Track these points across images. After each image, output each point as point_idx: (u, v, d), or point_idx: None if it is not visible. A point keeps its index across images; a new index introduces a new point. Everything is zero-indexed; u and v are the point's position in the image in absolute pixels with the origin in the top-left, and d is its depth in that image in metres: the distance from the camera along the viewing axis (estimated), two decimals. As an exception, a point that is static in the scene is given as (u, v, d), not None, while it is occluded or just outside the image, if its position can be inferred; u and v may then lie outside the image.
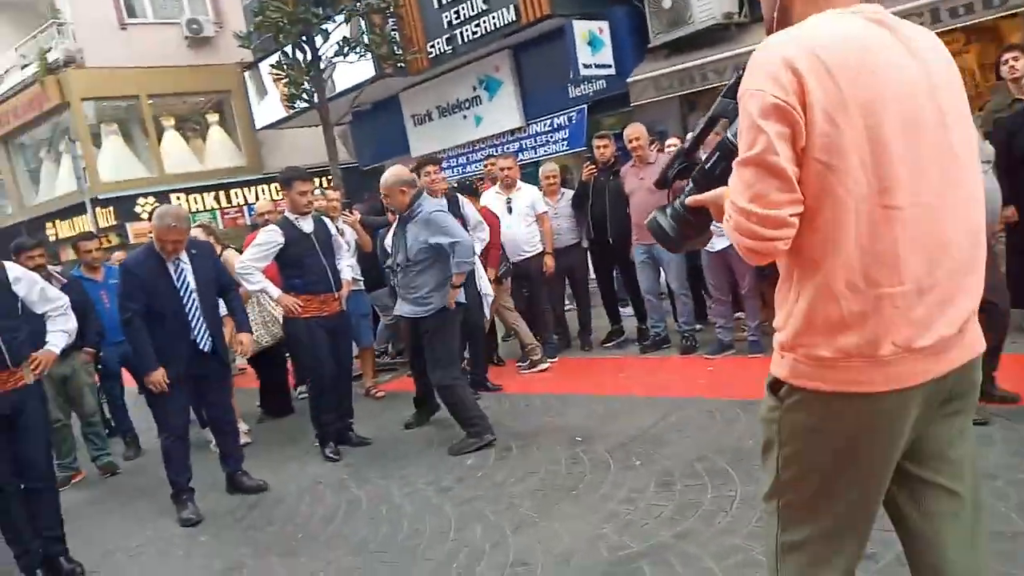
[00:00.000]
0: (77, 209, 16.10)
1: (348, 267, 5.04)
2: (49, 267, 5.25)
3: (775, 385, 1.48)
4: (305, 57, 10.05)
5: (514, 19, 9.35)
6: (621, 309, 6.67)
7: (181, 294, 4.13)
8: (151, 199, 17.09)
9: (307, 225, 4.74)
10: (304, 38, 9.92)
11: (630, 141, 5.83)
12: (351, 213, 6.15)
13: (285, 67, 10.34)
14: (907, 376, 1.35)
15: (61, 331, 3.89)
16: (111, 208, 16.44)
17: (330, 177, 11.31)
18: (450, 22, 10.15)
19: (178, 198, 17.37)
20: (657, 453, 3.84)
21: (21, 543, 3.59)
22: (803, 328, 1.40)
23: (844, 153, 1.31)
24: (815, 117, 1.30)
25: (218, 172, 18.04)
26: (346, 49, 9.75)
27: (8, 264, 3.82)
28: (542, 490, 3.68)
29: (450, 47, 10.31)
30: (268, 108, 13.70)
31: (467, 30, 10.00)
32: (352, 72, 10.62)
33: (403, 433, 5.04)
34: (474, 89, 11.09)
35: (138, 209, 16.58)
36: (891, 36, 1.37)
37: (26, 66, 17.73)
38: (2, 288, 3.61)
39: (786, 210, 1.32)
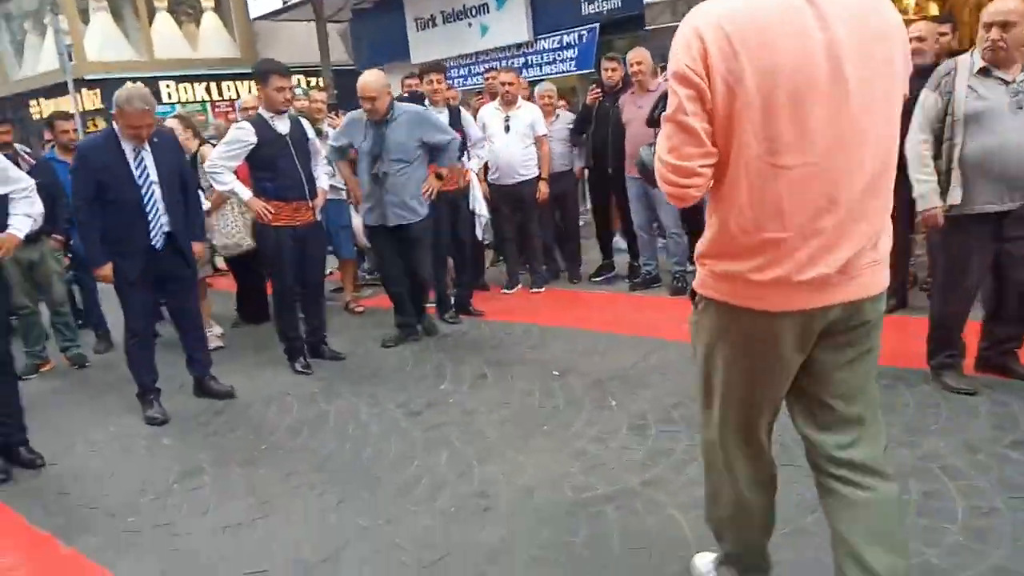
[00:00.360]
0: (62, 88, 15.47)
1: (325, 175, 4.75)
2: (17, 146, 4.98)
3: (692, 294, 1.82)
4: None
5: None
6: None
7: (140, 184, 3.86)
8: (139, 83, 16.50)
9: (283, 126, 4.44)
10: None
11: (632, 65, 5.52)
12: (336, 116, 5.85)
13: None
14: (783, 302, 1.62)
15: (24, 215, 3.70)
16: (97, 90, 15.87)
17: (321, 77, 10.84)
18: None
19: (167, 86, 16.81)
20: (634, 394, 3.76)
21: None
22: (709, 250, 1.71)
23: (739, 116, 1.52)
24: (716, 83, 1.51)
25: (210, 62, 17.40)
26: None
27: None
28: (512, 422, 3.61)
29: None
30: (265, -2, 13.02)
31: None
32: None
33: (379, 351, 4.93)
34: (482, -3, 10.56)
35: (123, 93, 16.01)
36: (806, 6, 1.50)
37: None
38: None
39: (696, 162, 1.58)
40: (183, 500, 3.17)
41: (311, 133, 4.69)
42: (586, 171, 6.33)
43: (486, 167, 5.90)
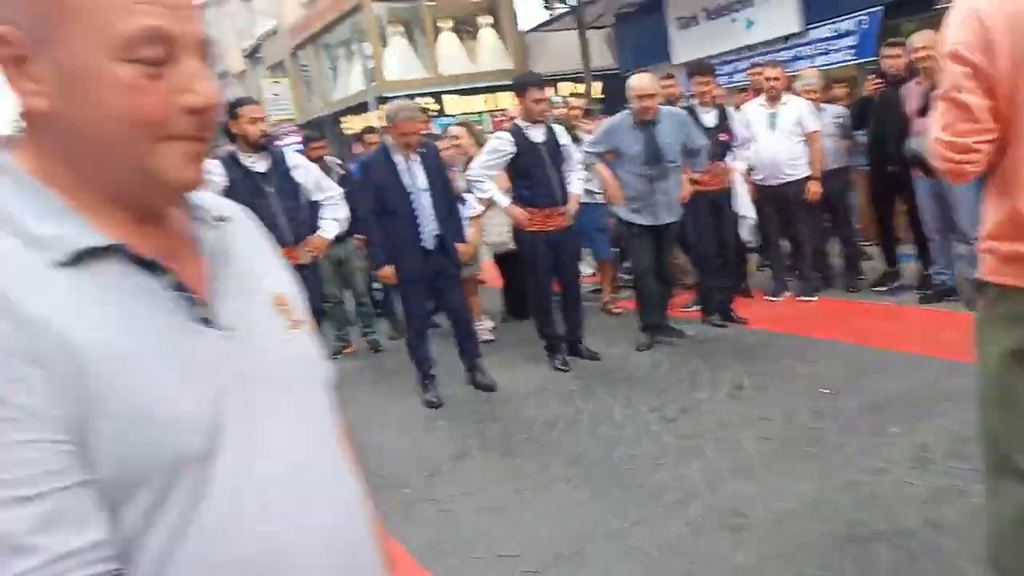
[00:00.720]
0: (365, 106, 17.70)
1: (579, 180, 4.88)
2: (327, 159, 5.81)
3: (978, 285, 1.71)
4: None
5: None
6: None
7: (410, 192, 4.27)
8: (428, 99, 18.34)
9: (538, 134, 4.65)
10: None
11: (917, 51, 4.89)
12: (591, 121, 5.98)
13: None
14: None
15: (332, 219, 4.32)
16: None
17: (583, 83, 11.14)
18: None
19: (451, 99, 18.44)
20: (919, 423, 3.34)
21: None
22: (995, 231, 1.63)
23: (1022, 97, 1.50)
24: (999, 60, 1.49)
25: (489, 75, 18.69)
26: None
27: (289, 153, 4.28)
28: (773, 439, 3.41)
29: (728, -59, 9.40)
30: (533, 10, 13.72)
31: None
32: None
33: (634, 353, 4.96)
34: (747, -12, 10.09)
35: (418, 108, 17.90)
36: None
37: (331, -29, 19.55)
38: (284, 173, 4.05)
39: (971, 138, 1.56)
40: (452, 479, 3.48)
41: (564, 139, 4.85)
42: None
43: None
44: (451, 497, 3.30)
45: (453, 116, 17.75)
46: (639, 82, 4.89)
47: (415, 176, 4.31)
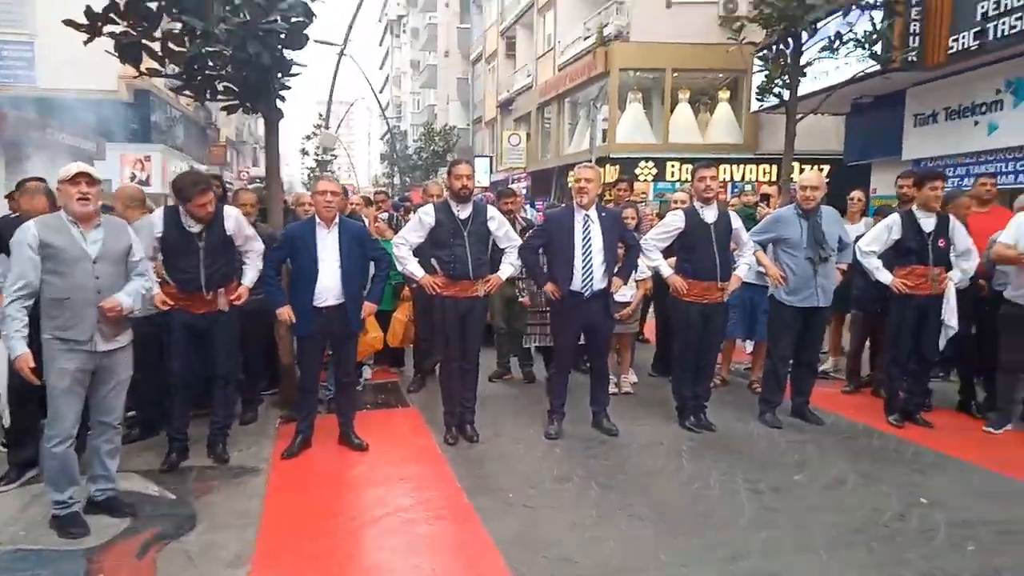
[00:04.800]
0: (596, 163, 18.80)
1: (745, 264, 5.27)
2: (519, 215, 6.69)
3: None
4: (787, 52, 9.98)
5: (1067, 15, 7.79)
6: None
7: (583, 244, 4.94)
8: (650, 164, 19.08)
9: (710, 215, 5.14)
10: (792, 32, 9.83)
11: None
12: (767, 207, 6.27)
13: (765, 60, 10.45)
14: None
15: (510, 264, 5.12)
16: (617, 166, 18.79)
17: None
18: (984, 13, 8.91)
19: (673, 165, 19.01)
20: (997, 548, 3.35)
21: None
22: None
23: None
24: None
25: (716, 147, 19.00)
26: (836, 44, 9.39)
27: (489, 207, 5.17)
28: (845, 530, 3.59)
29: (977, 42, 9.08)
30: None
31: (1004, 23, 8.66)
32: (849, 65, 10.18)
33: (755, 430, 5.22)
34: (997, 92, 9.59)
35: (638, 171, 18.68)
36: None
37: (587, 37, 21.14)
38: (481, 222, 4.93)
39: None
40: (548, 495, 4.07)
41: (736, 223, 5.27)
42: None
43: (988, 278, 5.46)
44: (542, 508, 3.89)
45: (673, 183, 18.35)
46: (810, 177, 5.33)
47: (590, 234, 5.01)
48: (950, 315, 5.27)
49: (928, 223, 5.21)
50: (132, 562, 3.26)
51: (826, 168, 17.18)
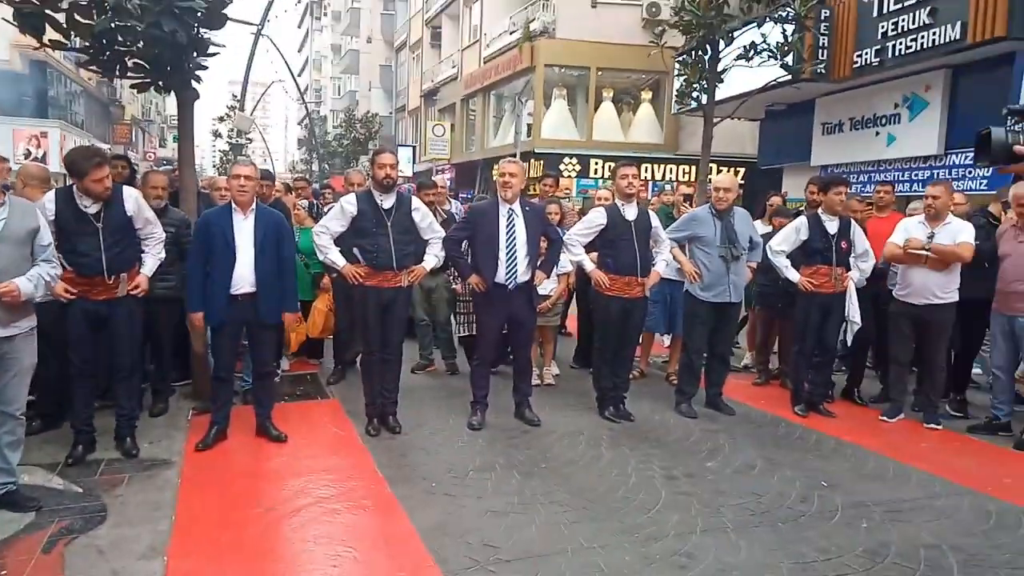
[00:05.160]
0: (520, 157, 18.95)
1: (663, 260, 5.44)
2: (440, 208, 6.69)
3: None
4: (705, 57, 10.36)
5: (958, 37, 8.41)
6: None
7: (506, 235, 5.02)
8: (574, 160, 19.37)
9: (631, 212, 5.29)
10: (710, 40, 10.20)
11: (1018, 200, 5.09)
12: (691, 206, 6.50)
13: (684, 64, 10.82)
14: None
15: (434, 255, 5.12)
16: (542, 161, 19.00)
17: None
18: (884, 32, 9.51)
19: (596, 163, 19.37)
20: (888, 525, 3.63)
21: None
22: None
23: None
24: None
25: (637, 146, 19.47)
26: (751, 54, 9.82)
27: (414, 199, 5.14)
28: (753, 512, 3.79)
29: (878, 59, 9.68)
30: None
31: (901, 43, 9.29)
32: (763, 74, 10.65)
33: (671, 421, 5.42)
34: (895, 107, 10.26)
35: (562, 167, 18.94)
36: None
37: (513, 32, 21.24)
38: (405, 212, 4.91)
39: None
40: (470, 484, 4.11)
41: (655, 222, 5.45)
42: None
43: (884, 277, 5.84)
44: (464, 497, 3.93)
45: (595, 180, 18.70)
46: (724, 180, 5.60)
47: (514, 227, 5.09)
48: (854, 312, 5.62)
49: (832, 226, 5.53)
50: (38, 557, 3.10)
51: (742, 171, 17.93)
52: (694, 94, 10.70)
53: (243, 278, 4.51)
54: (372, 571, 3.13)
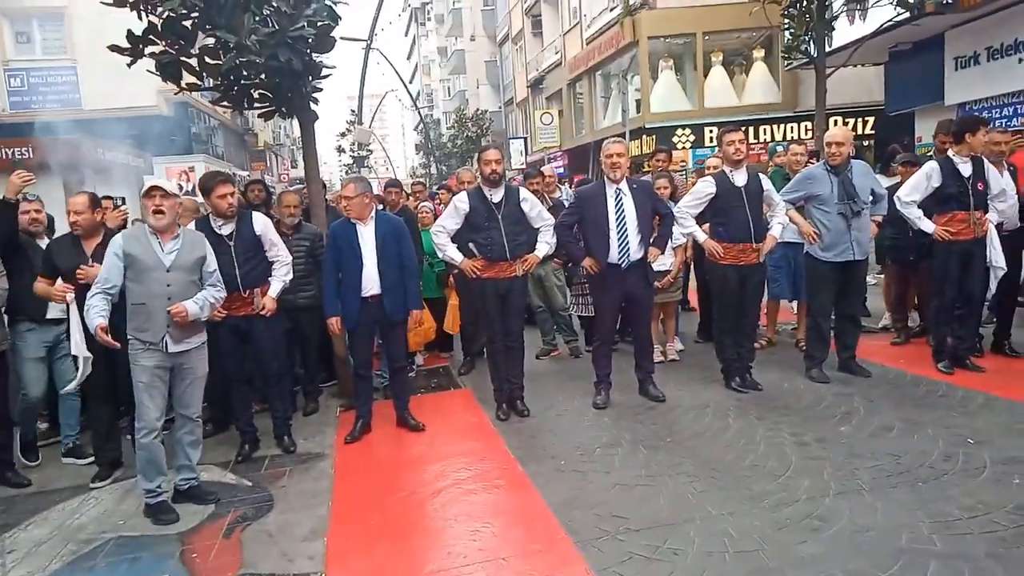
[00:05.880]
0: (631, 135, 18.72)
1: (779, 224, 5.30)
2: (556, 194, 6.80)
3: None
4: (812, 7, 9.78)
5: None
6: None
7: (616, 217, 5.05)
8: (687, 131, 18.89)
9: (740, 178, 5.20)
10: None
11: None
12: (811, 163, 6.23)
13: (791, 17, 10.25)
14: None
15: (545, 243, 5.27)
16: (654, 136, 18.69)
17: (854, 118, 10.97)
18: (1020, -53, 8.64)
19: (711, 131, 18.78)
20: (1046, 480, 3.41)
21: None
22: None
23: None
24: None
25: (753, 107, 18.73)
26: (863, -5, 9.21)
27: (521, 189, 5.31)
28: (890, 473, 3.68)
29: (1014, -23, 8.80)
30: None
31: (1040, -44, 8.39)
32: (876, 15, 9.95)
33: (802, 386, 5.29)
34: (1038, 27, 9.28)
35: (675, 139, 18.54)
36: None
37: (613, 8, 20.98)
38: (514, 204, 5.09)
39: None
40: (598, 460, 4.24)
41: (767, 185, 5.32)
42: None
43: None
44: (592, 472, 4.07)
45: (713, 147, 18.14)
46: (838, 132, 5.35)
47: (623, 206, 5.11)
48: (996, 256, 5.25)
49: (966, 168, 5.18)
50: (220, 541, 3.56)
51: (870, 120, 16.84)
52: (803, 47, 10.16)
53: (370, 280, 4.87)
54: (508, 544, 3.33)
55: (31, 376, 4.66)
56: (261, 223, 4.74)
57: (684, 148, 18.41)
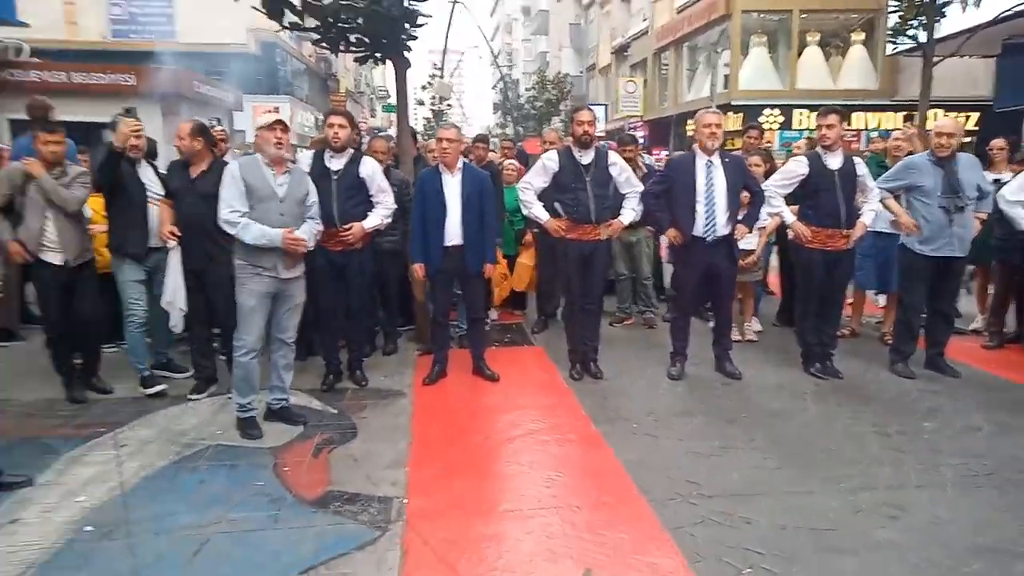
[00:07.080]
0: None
1: (871, 211, 5.15)
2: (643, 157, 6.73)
3: None
4: None
5: None
6: None
7: (703, 189, 4.99)
8: (776, 111, 18.30)
9: (834, 161, 5.06)
10: None
11: None
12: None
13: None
14: None
15: (632, 209, 5.26)
16: (741, 114, 18.16)
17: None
18: None
19: (800, 113, 18.16)
20: None
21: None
22: None
23: None
24: None
25: (848, 92, 17.96)
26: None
27: (611, 153, 5.28)
28: (976, 474, 3.61)
29: None
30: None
31: None
32: (993, 3, 9.38)
33: (886, 378, 5.19)
34: None
35: (762, 119, 17.97)
36: None
37: (709, -21, 20.32)
38: (603, 167, 5.08)
39: None
40: (671, 427, 4.28)
41: (862, 170, 5.16)
42: None
43: None
44: (666, 438, 4.11)
45: (800, 132, 17.54)
46: (946, 123, 5.13)
47: (713, 179, 5.05)
48: None
49: None
50: (309, 460, 3.76)
51: (974, 116, 16.01)
52: (910, 32, 9.68)
53: (453, 230, 4.96)
54: (581, 495, 3.42)
55: (132, 295, 4.77)
56: (370, 167, 4.87)
57: (771, 129, 17.85)
